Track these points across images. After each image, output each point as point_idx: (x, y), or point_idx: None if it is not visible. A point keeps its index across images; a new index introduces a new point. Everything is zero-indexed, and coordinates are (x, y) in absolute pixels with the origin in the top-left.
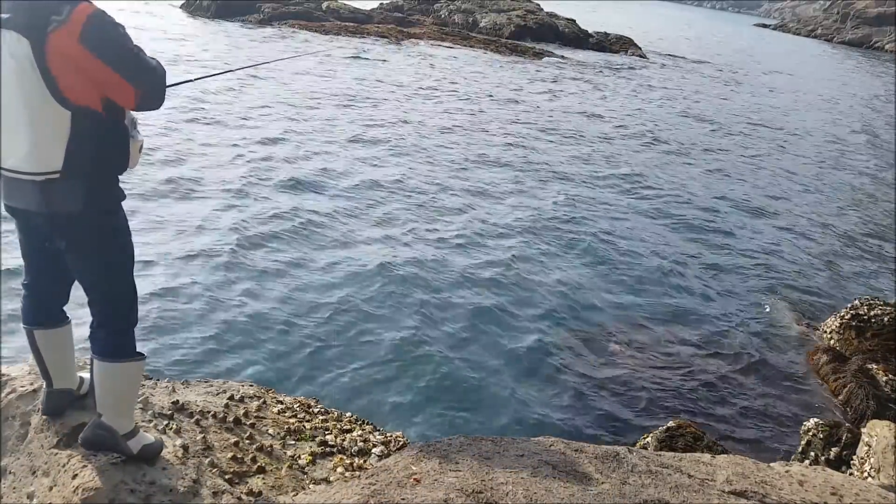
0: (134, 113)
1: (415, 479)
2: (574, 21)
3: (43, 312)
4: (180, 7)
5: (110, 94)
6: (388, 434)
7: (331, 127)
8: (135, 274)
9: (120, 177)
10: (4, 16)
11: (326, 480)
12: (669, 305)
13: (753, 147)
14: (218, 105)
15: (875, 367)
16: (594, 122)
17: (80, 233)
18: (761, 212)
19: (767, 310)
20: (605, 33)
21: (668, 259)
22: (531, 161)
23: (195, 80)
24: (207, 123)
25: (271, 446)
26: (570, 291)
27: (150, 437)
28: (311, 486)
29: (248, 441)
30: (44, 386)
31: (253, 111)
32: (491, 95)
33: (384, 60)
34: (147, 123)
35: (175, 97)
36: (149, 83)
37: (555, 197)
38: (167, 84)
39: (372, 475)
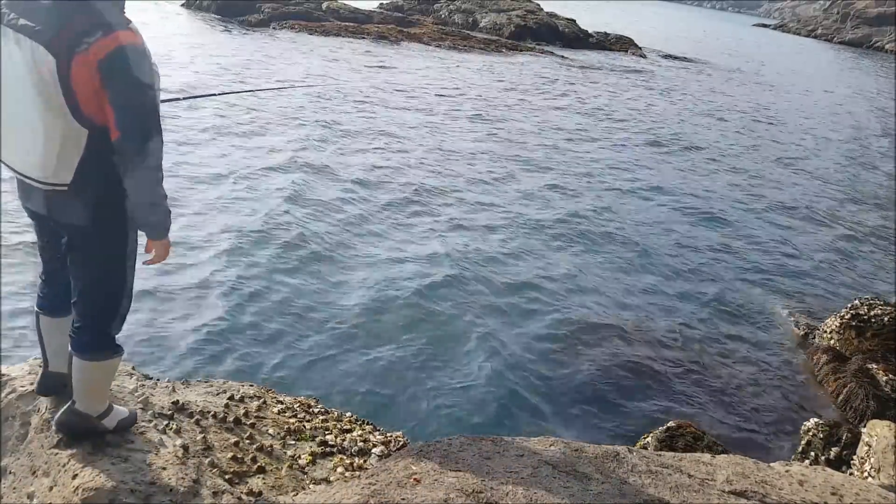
0: None
1: (415, 479)
2: (574, 21)
3: (50, 301)
4: (181, 5)
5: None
6: (388, 434)
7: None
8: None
9: None
10: (35, 27)
11: (326, 480)
12: (669, 305)
13: (754, 146)
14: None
15: (875, 367)
16: (597, 120)
17: (90, 240)
18: (762, 212)
19: (768, 310)
20: (605, 33)
21: (668, 259)
22: (533, 158)
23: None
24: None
25: (271, 446)
26: (571, 291)
27: (124, 410)
28: (311, 486)
29: (248, 441)
30: (41, 368)
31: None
32: (498, 97)
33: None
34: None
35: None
36: (132, 134)
37: (558, 193)
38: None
39: (372, 475)
